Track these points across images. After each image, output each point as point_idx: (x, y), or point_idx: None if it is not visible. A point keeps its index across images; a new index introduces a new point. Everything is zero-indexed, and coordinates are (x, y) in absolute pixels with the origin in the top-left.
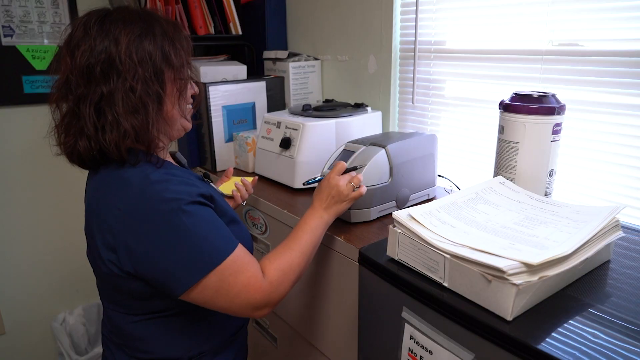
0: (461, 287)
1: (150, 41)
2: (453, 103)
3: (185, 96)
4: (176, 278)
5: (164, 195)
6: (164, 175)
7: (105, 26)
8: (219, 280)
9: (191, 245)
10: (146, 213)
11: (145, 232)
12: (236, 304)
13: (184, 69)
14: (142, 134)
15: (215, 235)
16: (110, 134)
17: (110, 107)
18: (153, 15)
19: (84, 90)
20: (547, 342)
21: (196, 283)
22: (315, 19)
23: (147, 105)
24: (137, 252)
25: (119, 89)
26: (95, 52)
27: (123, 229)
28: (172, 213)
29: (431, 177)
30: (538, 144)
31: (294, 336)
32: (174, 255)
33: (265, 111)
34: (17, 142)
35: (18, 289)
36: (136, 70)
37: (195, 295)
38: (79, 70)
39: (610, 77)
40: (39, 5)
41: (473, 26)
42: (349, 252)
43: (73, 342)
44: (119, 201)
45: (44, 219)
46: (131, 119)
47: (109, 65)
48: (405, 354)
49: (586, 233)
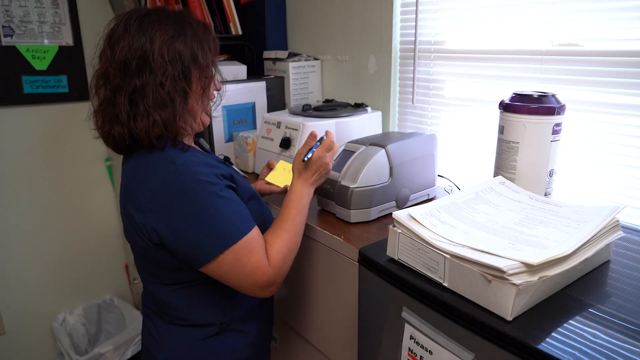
0: (461, 287)
1: (182, 42)
2: (453, 103)
3: (208, 93)
4: (199, 250)
5: (190, 175)
6: (190, 158)
7: (144, 25)
8: (234, 257)
9: (214, 221)
10: (174, 191)
11: (174, 208)
12: (247, 283)
13: (209, 68)
14: (169, 124)
15: (236, 215)
16: (141, 122)
17: (142, 99)
18: (186, 17)
19: (120, 81)
20: (547, 342)
21: (216, 257)
22: (315, 19)
23: (174, 100)
24: (166, 226)
25: (150, 84)
26: (132, 48)
27: (154, 206)
28: (198, 191)
29: (431, 177)
30: (538, 144)
31: (294, 336)
32: (198, 229)
33: (265, 111)
34: (17, 142)
35: (18, 289)
36: (166, 68)
37: (213, 268)
38: (117, 64)
39: (610, 77)
40: (39, 5)
41: (473, 26)
42: (349, 252)
43: (73, 342)
44: (150, 182)
45: (43, 219)
46: (160, 111)
47: (143, 62)
48: (405, 354)
49: (586, 233)
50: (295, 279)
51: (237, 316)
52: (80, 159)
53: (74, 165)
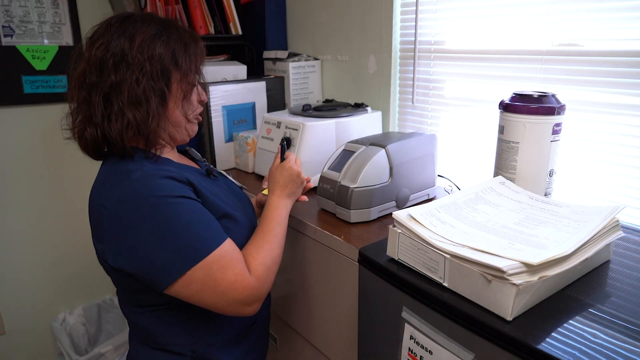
0: (461, 287)
1: (163, 42)
2: (453, 103)
3: (189, 100)
4: (160, 271)
5: (147, 191)
6: (149, 171)
7: (125, 25)
8: (206, 274)
9: (175, 237)
10: (129, 209)
11: (128, 226)
12: (224, 301)
13: (191, 74)
14: (142, 126)
15: (202, 228)
16: (115, 123)
17: (116, 97)
18: (174, 23)
19: (96, 79)
20: (547, 342)
21: (181, 276)
22: (315, 19)
23: (149, 98)
24: (121, 247)
25: (126, 80)
26: (111, 46)
27: (108, 224)
28: (156, 206)
29: (431, 177)
30: (538, 144)
31: (294, 336)
32: (157, 248)
33: (265, 111)
34: (17, 142)
35: (18, 289)
36: (144, 65)
37: (180, 289)
38: (95, 61)
39: (610, 77)
40: (39, 5)
41: (473, 26)
42: (349, 252)
43: (73, 342)
44: (104, 199)
45: (43, 219)
46: (133, 110)
47: (121, 59)
48: (405, 354)
49: (586, 233)
50: (296, 279)
51: (216, 343)
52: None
53: (74, 165)
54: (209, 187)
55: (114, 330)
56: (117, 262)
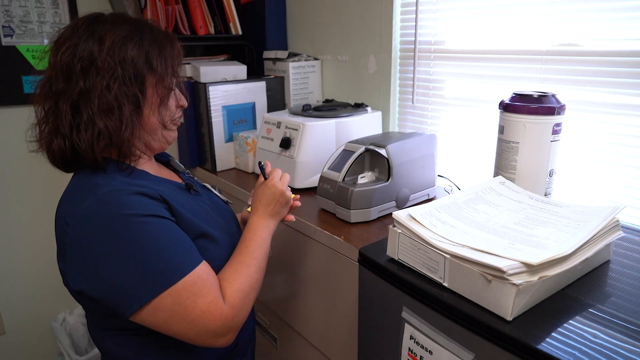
0: (461, 287)
1: (136, 44)
2: (453, 103)
3: (166, 105)
4: (125, 297)
5: (114, 207)
6: (118, 186)
7: (93, 26)
8: (175, 302)
9: (142, 260)
10: (93, 227)
11: (91, 246)
12: (194, 331)
13: (167, 77)
14: (115, 135)
15: (173, 250)
16: (84, 133)
17: (86, 105)
18: (147, 23)
19: (63, 86)
20: (547, 342)
21: (147, 303)
22: (315, 19)
23: (122, 105)
24: (83, 268)
25: (96, 87)
26: (78, 50)
27: (70, 242)
28: (121, 225)
29: (431, 177)
30: (538, 144)
31: (294, 336)
32: (122, 271)
33: (265, 111)
34: (17, 142)
35: (18, 289)
36: (115, 70)
37: (146, 317)
38: (61, 67)
39: (610, 77)
40: (39, 5)
41: (473, 26)
42: (349, 252)
43: (73, 342)
44: (69, 214)
45: (44, 218)
46: (105, 119)
47: (90, 63)
48: (405, 354)
49: (586, 233)
50: (296, 279)
51: None
52: None
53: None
54: (187, 204)
55: None
56: (78, 285)
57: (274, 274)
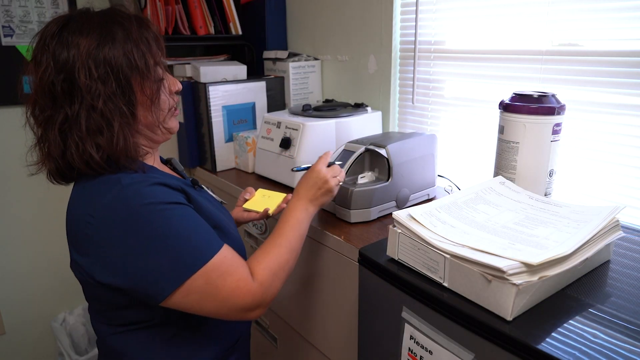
0: (461, 287)
1: (110, 49)
2: (453, 103)
3: (157, 102)
4: (157, 283)
5: (138, 199)
6: (138, 178)
7: (63, 38)
8: (206, 282)
9: (171, 246)
10: (119, 217)
11: (119, 237)
12: (226, 307)
13: (152, 70)
14: (109, 150)
15: (198, 234)
16: (76, 157)
17: (72, 130)
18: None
19: (50, 112)
20: (547, 342)
21: (179, 287)
22: (315, 19)
23: (112, 122)
24: (112, 260)
25: (82, 109)
26: (55, 69)
27: (96, 235)
28: (149, 214)
29: (431, 177)
30: (538, 144)
31: (294, 336)
32: (153, 257)
33: (265, 111)
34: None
35: (18, 289)
36: (97, 87)
37: (179, 300)
38: (42, 90)
39: (610, 77)
40: (39, 5)
41: (473, 26)
42: (349, 252)
43: (73, 342)
44: (92, 209)
45: (43, 219)
46: (95, 139)
47: (70, 84)
48: (405, 354)
49: (586, 233)
50: (296, 279)
51: None
52: None
53: None
54: (197, 198)
55: None
56: (104, 277)
57: None
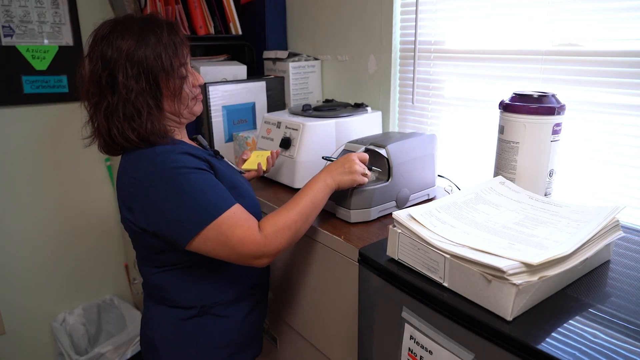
0: (461, 287)
1: (143, 52)
2: (453, 103)
3: (179, 96)
4: (180, 230)
5: (167, 163)
6: (169, 148)
7: (110, 40)
8: (217, 233)
9: (192, 200)
10: (154, 177)
11: (155, 192)
12: (235, 254)
13: (177, 70)
14: (142, 132)
15: (214, 194)
16: (118, 134)
17: (113, 115)
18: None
19: (98, 99)
20: (547, 342)
21: (197, 234)
22: (315, 19)
23: (141, 111)
24: (148, 210)
25: (120, 100)
26: (102, 65)
27: (138, 192)
28: (175, 176)
29: (431, 177)
30: (538, 144)
31: (294, 336)
32: (177, 210)
33: (265, 111)
34: (17, 142)
35: (18, 289)
36: (131, 84)
37: (198, 245)
38: (92, 81)
39: (610, 77)
40: (39, 5)
41: (473, 26)
42: (349, 252)
43: (73, 342)
44: (134, 172)
45: (44, 219)
46: (131, 123)
47: (112, 79)
48: (405, 354)
49: (586, 233)
50: (296, 279)
51: (221, 301)
52: (81, 159)
53: (74, 165)
54: (218, 165)
55: (114, 330)
56: (144, 224)
57: (274, 273)
